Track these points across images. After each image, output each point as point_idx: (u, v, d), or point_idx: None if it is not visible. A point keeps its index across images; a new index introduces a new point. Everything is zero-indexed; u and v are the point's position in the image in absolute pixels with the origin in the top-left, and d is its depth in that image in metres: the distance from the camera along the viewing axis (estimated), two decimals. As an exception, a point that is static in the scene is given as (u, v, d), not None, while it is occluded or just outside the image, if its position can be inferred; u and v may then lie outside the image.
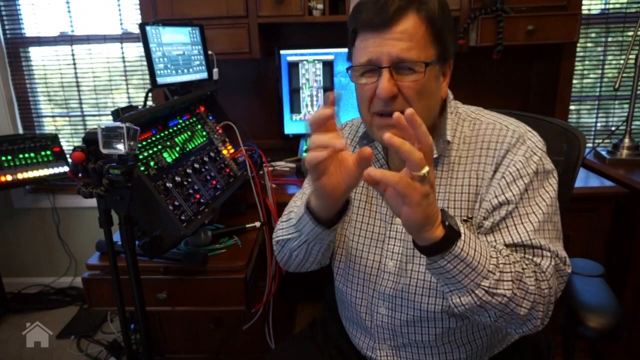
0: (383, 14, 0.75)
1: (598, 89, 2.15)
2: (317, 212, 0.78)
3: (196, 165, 1.30)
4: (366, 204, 0.94)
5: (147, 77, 1.66)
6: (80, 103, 2.38)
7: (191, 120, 1.44)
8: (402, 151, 0.58)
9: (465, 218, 0.84)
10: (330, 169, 0.69)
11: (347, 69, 0.84)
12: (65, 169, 2.12)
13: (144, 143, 1.18)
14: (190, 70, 1.50)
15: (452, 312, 0.86)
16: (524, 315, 0.73)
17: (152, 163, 1.15)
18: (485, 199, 0.82)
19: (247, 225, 1.37)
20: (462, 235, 0.67)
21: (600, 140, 2.12)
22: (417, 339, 0.90)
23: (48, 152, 2.11)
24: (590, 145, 2.11)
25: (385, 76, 0.76)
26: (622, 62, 1.86)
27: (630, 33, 2.03)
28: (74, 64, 2.31)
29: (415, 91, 0.78)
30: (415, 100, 0.78)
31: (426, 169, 0.59)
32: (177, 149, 1.28)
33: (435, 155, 0.84)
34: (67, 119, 2.41)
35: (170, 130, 1.31)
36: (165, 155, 1.22)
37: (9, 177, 2.00)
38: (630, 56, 1.70)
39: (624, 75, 1.73)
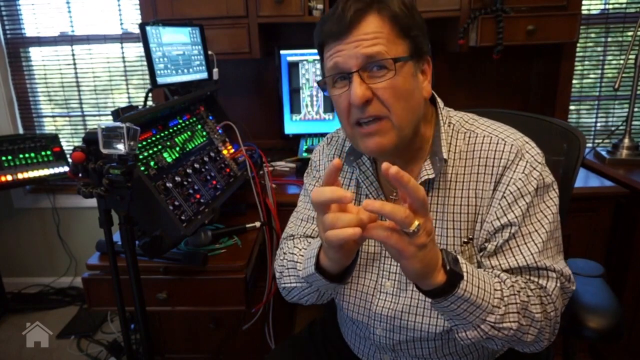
0: (343, 20, 0.73)
1: (598, 89, 2.15)
2: (328, 270, 0.74)
3: (196, 165, 1.30)
4: None
5: (147, 77, 1.66)
6: (81, 103, 2.38)
7: (191, 120, 1.44)
8: (384, 213, 0.56)
9: (465, 240, 0.81)
10: None
11: (319, 84, 0.82)
12: (65, 169, 2.12)
13: (144, 143, 1.18)
14: (190, 70, 1.50)
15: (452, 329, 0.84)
16: (530, 341, 0.73)
17: (152, 163, 1.15)
18: (486, 220, 0.79)
19: (247, 225, 1.37)
20: (465, 275, 0.65)
21: (600, 140, 2.12)
22: (417, 353, 0.88)
23: (48, 152, 2.11)
24: (590, 145, 2.11)
25: (356, 80, 0.73)
26: (622, 62, 1.86)
27: (630, 33, 2.03)
28: (74, 64, 2.31)
29: (391, 92, 0.74)
30: (392, 102, 0.74)
31: (415, 224, 0.57)
32: (177, 149, 1.28)
33: (432, 176, 0.81)
34: (67, 119, 2.41)
35: (170, 130, 1.31)
36: (165, 155, 1.22)
37: (9, 177, 2.00)
38: (630, 56, 1.70)
39: (624, 75, 1.73)
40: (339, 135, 1.00)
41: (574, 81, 1.99)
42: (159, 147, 1.22)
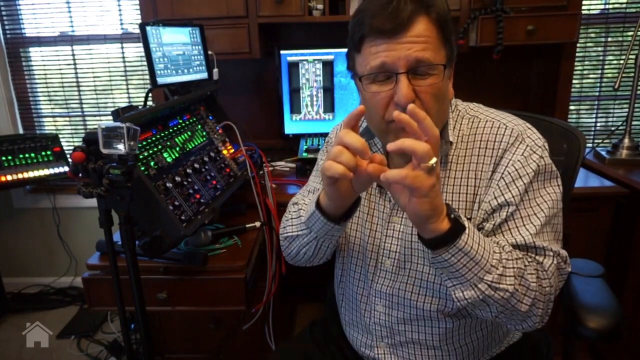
0: (396, 20, 0.72)
1: (598, 89, 2.15)
2: (327, 210, 0.79)
3: (196, 165, 1.30)
4: (365, 200, 0.94)
5: (147, 77, 1.67)
6: (81, 103, 2.38)
7: (191, 120, 1.44)
8: (406, 148, 0.60)
9: None
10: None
11: (359, 79, 0.80)
12: (66, 169, 2.12)
13: (144, 143, 1.18)
14: (190, 70, 1.50)
15: (447, 312, 0.86)
16: (524, 312, 0.73)
17: (152, 163, 1.15)
18: (484, 200, 0.82)
19: (247, 225, 1.37)
20: (467, 229, 0.67)
21: (600, 141, 2.12)
22: (413, 337, 0.90)
23: (48, 152, 2.11)
24: (590, 145, 2.11)
25: (404, 82, 0.74)
26: (622, 62, 1.86)
27: (630, 33, 2.03)
28: (74, 64, 2.31)
29: (433, 95, 0.76)
30: (432, 104, 0.77)
31: (434, 159, 0.60)
32: (177, 149, 1.28)
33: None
34: (67, 119, 2.41)
35: (170, 130, 1.31)
36: (165, 155, 1.22)
37: (9, 177, 2.00)
38: (630, 56, 1.70)
39: (624, 75, 1.73)
40: None
41: (574, 81, 1.99)
42: (159, 147, 1.22)
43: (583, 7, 1.85)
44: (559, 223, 0.82)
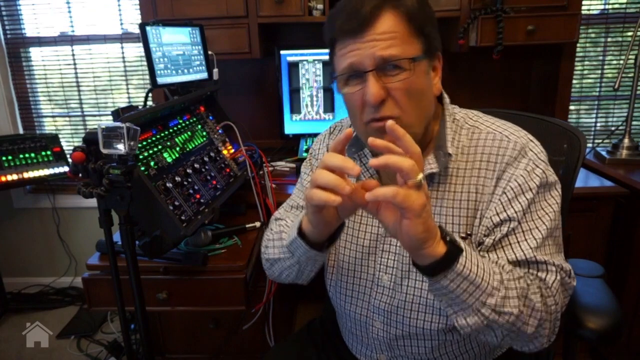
0: (358, 17, 0.71)
1: (598, 89, 2.15)
2: (309, 237, 0.76)
3: (196, 165, 1.30)
4: (355, 216, 0.90)
5: (147, 77, 1.66)
6: (81, 103, 2.38)
7: (191, 120, 1.44)
8: (391, 164, 0.57)
9: (464, 235, 0.81)
10: None
11: (332, 81, 0.81)
12: (66, 169, 2.12)
13: (144, 143, 1.18)
14: (190, 70, 1.50)
15: (448, 329, 0.83)
16: (531, 334, 0.71)
17: (152, 163, 1.15)
18: (485, 216, 0.79)
19: (247, 225, 1.37)
20: (464, 251, 0.64)
21: (600, 141, 2.12)
22: (413, 351, 0.88)
23: (48, 152, 2.11)
24: (590, 145, 2.11)
25: (372, 80, 0.72)
26: (621, 62, 1.86)
27: (630, 33, 2.03)
28: (74, 64, 2.31)
29: (405, 91, 0.74)
30: (405, 101, 0.74)
31: (421, 175, 0.57)
32: (177, 149, 1.28)
33: (436, 170, 0.81)
34: (67, 119, 2.41)
35: (170, 130, 1.31)
36: (165, 155, 1.22)
37: (9, 177, 2.00)
38: (630, 56, 1.70)
39: (624, 75, 1.73)
40: (342, 124, 1.01)
41: (574, 81, 1.99)
42: (159, 147, 1.22)
43: (583, 7, 1.85)
44: (560, 235, 0.80)
